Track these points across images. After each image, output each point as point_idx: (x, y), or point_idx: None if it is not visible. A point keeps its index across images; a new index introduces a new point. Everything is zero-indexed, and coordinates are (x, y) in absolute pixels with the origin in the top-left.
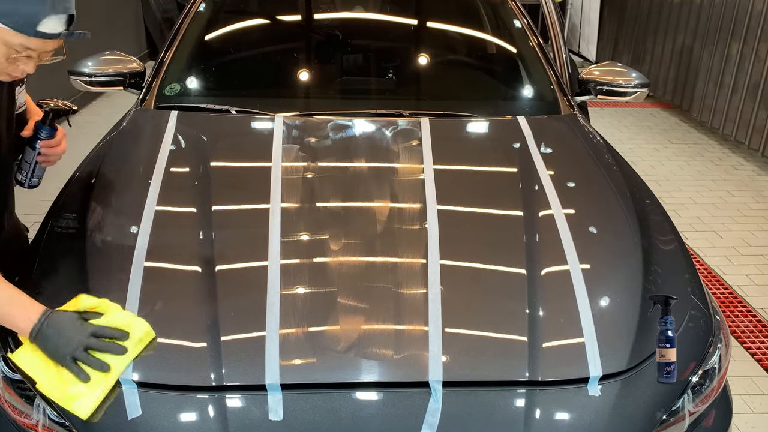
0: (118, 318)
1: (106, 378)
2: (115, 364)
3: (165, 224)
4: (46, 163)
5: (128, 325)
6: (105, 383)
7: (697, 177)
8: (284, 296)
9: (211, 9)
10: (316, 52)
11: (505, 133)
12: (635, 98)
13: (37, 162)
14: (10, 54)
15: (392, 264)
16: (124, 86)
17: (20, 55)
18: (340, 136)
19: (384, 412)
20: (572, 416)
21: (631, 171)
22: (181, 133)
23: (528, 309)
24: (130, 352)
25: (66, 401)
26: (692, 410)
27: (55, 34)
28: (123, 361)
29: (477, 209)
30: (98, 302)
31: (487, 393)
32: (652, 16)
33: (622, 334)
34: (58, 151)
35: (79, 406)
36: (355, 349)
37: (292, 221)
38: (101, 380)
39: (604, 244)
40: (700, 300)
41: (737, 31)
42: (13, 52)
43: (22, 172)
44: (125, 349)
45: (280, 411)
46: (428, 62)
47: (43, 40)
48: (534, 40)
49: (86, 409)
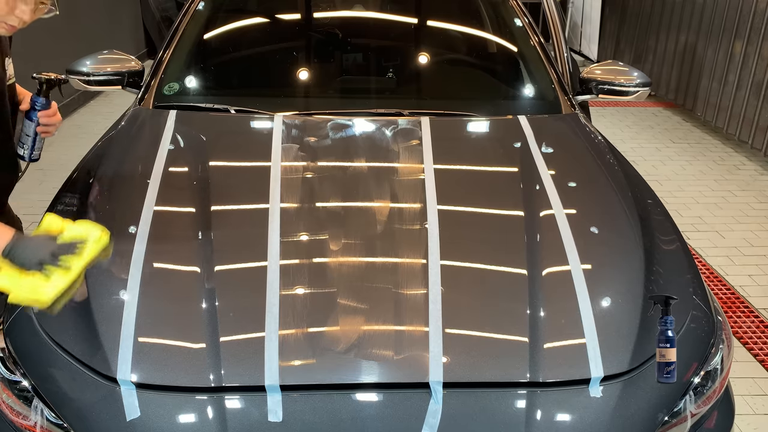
0: (75, 230)
1: (67, 273)
2: (75, 264)
3: (164, 224)
4: (46, 133)
5: (86, 232)
6: (66, 277)
7: (699, 176)
8: (284, 297)
9: (210, 8)
10: (315, 51)
11: (506, 132)
12: (637, 97)
13: (37, 133)
14: None
15: (392, 264)
16: (123, 85)
17: (19, 2)
18: (339, 136)
19: (384, 413)
20: (573, 417)
21: (633, 171)
22: (179, 133)
23: (529, 309)
24: (86, 253)
25: (33, 293)
26: (694, 411)
27: None
28: (81, 262)
29: (478, 209)
30: (62, 222)
31: (487, 394)
32: (654, 14)
33: (624, 334)
34: (55, 120)
35: (43, 292)
36: (355, 349)
37: (291, 221)
38: (63, 274)
39: (606, 244)
40: (702, 300)
41: (741, 30)
42: None
43: (24, 146)
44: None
45: (280, 412)
46: (428, 61)
47: None
48: (535, 39)
49: (48, 295)
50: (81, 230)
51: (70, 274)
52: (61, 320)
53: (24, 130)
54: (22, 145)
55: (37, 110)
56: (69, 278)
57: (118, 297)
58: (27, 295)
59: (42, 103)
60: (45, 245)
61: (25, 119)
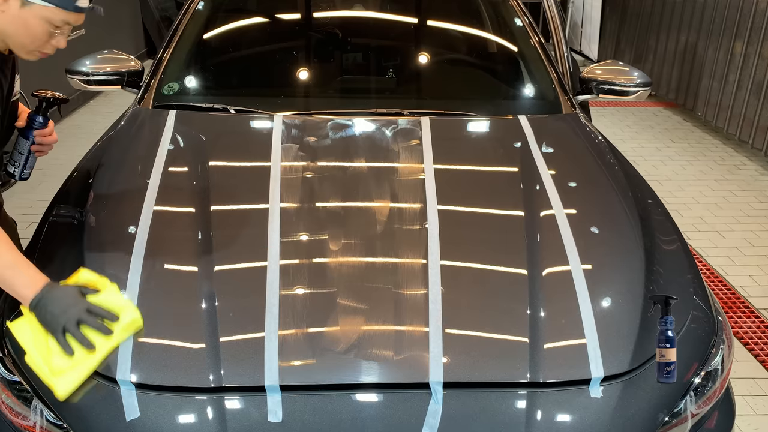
0: (112, 299)
1: (90, 359)
2: (99, 344)
3: (163, 224)
4: (40, 153)
5: (120, 308)
6: (88, 364)
7: (699, 176)
8: (283, 297)
9: (209, 8)
10: (315, 50)
11: (506, 132)
12: (637, 97)
13: (30, 152)
14: (52, 31)
15: (392, 264)
16: (122, 85)
17: (58, 31)
18: (339, 136)
19: (384, 413)
20: (574, 418)
21: (633, 171)
22: (179, 133)
23: (529, 310)
24: (116, 335)
25: (48, 376)
26: (695, 412)
27: (87, 7)
28: (108, 344)
29: (478, 209)
30: (97, 278)
31: (488, 394)
32: (654, 14)
33: (624, 335)
34: (51, 140)
35: (59, 383)
36: (355, 350)
37: (291, 221)
38: (85, 360)
39: (606, 244)
40: (703, 301)
41: (741, 29)
42: (53, 28)
43: (15, 164)
44: (110, 332)
45: (280, 412)
46: (429, 61)
47: (77, 14)
48: (535, 39)
49: (65, 388)
50: (117, 302)
51: (92, 360)
52: None
53: (17, 147)
54: (13, 163)
55: (34, 129)
56: (92, 367)
57: None
58: (44, 375)
59: (40, 122)
60: (74, 304)
61: (20, 137)
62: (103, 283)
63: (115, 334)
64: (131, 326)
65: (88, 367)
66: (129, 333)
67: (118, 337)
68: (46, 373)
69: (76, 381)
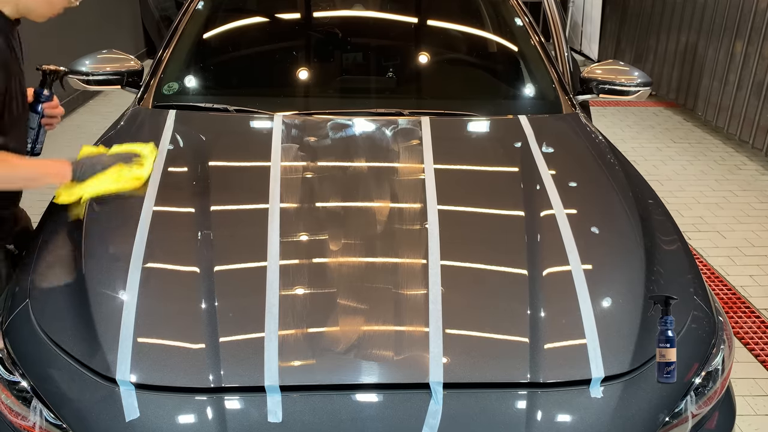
0: (125, 146)
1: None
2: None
3: (163, 224)
4: (49, 126)
5: (136, 148)
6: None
7: (700, 176)
8: (283, 297)
9: (209, 7)
10: (315, 50)
11: (507, 132)
12: (638, 97)
13: (41, 125)
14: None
15: (392, 264)
16: (122, 85)
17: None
18: (339, 136)
19: (384, 413)
20: (574, 418)
21: (634, 170)
22: (179, 133)
23: (529, 310)
24: (148, 162)
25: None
26: (695, 412)
27: None
28: (148, 168)
29: (478, 209)
30: (98, 148)
31: (488, 395)
32: (654, 14)
33: (625, 335)
34: (58, 112)
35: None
36: (355, 350)
37: (291, 221)
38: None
39: (607, 244)
40: (703, 301)
41: (741, 29)
42: None
43: (27, 139)
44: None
45: (279, 413)
46: (429, 61)
47: None
48: (535, 39)
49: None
50: (128, 146)
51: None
52: (60, 320)
53: (28, 123)
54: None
55: (42, 102)
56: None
57: (117, 297)
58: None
59: (46, 95)
60: (103, 157)
61: (30, 112)
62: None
63: (146, 162)
64: (151, 153)
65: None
66: (152, 158)
67: (150, 163)
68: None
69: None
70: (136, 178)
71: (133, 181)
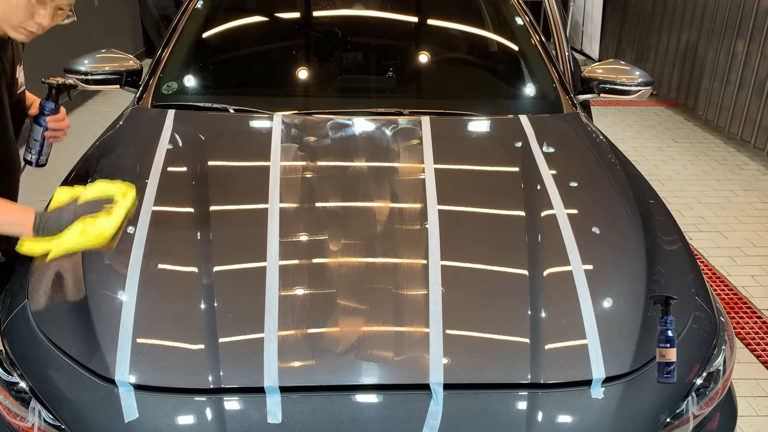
0: (99, 187)
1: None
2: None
3: (162, 224)
4: (54, 139)
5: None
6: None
7: (701, 176)
8: (283, 297)
9: (208, 6)
10: (315, 49)
11: (507, 132)
12: (639, 97)
13: (45, 138)
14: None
15: (392, 265)
16: (121, 84)
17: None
18: (339, 135)
19: (384, 414)
20: (575, 419)
21: (635, 170)
22: (178, 132)
23: (530, 310)
24: (119, 209)
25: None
26: (696, 413)
27: None
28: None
29: (478, 209)
30: (75, 188)
31: (488, 395)
32: (656, 13)
33: (626, 335)
34: (64, 125)
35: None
36: (355, 351)
37: (291, 221)
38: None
39: (607, 244)
40: (705, 301)
41: (743, 29)
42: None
43: (31, 151)
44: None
45: (279, 414)
46: (429, 60)
47: None
48: (536, 38)
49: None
50: (102, 189)
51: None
52: (59, 321)
53: (32, 135)
54: (29, 150)
55: (46, 115)
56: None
57: (116, 297)
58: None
59: (51, 108)
60: (70, 210)
61: (34, 124)
62: (79, 189)
63: (116, 210)
64: (127, 196)
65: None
66: (128, 203)
67: (122, 210)
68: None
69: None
70: (99, 234)
71: (97, 238)
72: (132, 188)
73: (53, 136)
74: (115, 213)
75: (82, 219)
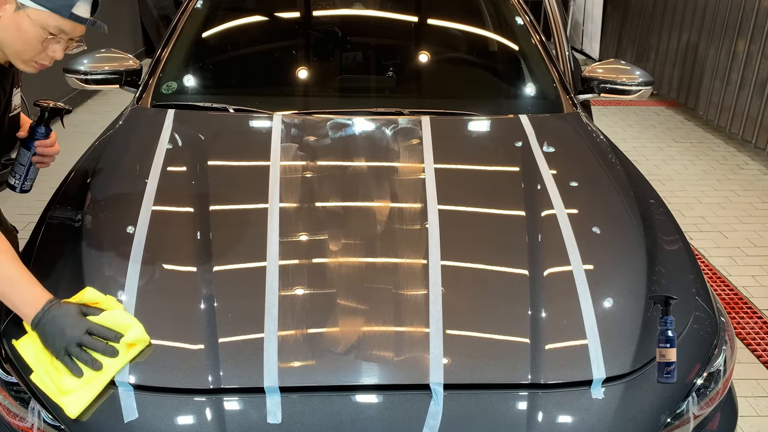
0: (116, 318)
1: (98, 378)
2: (107, 365)
3: (162, 224)
4: (41, 164)
5: (124, 327)
6: (96, 383)
7: (702, 176)
8: (283, 297)
9: (208, 6)
10: (315, 49)
11: (507, 131)
12: (639, 96)
13: (32, 163)
14: (45, 37)
15: (392, 265)
16: (120, 84)
17: (53, 39)
18: (339, 135)
19: (384, 415)
20: (575, 419)
21: (635, 170)
22: (178, 132)
23: (530, 310)
24: (121, 355)
25: (57, 396)
26: (697, 413)
27: (86, 18)
28: (115, 363)
29: (478, 209)
30: (103, 298)
31: (488, 396)
32: (656, 13)
33: (626, 335)
34: (53, 151)
35: (69, 402)
36: (355, 351)
37: (290, 221)
38: (93, 379)
39: (608, 244)
40: (705, 301)
41: (743, 28)
42: (47, 34)
43: (16, 175)
44: (116, 352)
45: (279, 414)
46: (429, 60)
47: (75, 24)
48: (536, 38)
49: (76, 408)
50: (121, 320)
51: (101, 380)
52: None
53: (18, 158)
54: (14, 174)
55: (36, 139)
56: (100, 386)
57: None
58: (52, 394)
59: (42, 132)
60: (75, 325)
61: (21, 147)
62: (108, 302)
63: (122, 353)
64: (138, 343)
65: (97, 385)
66: (136, 350)
67: (125, 356)
68: (55, 393)
69: (85, 400)
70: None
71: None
72: (146, 339)
73: (40, 161)
74: (117, 361)
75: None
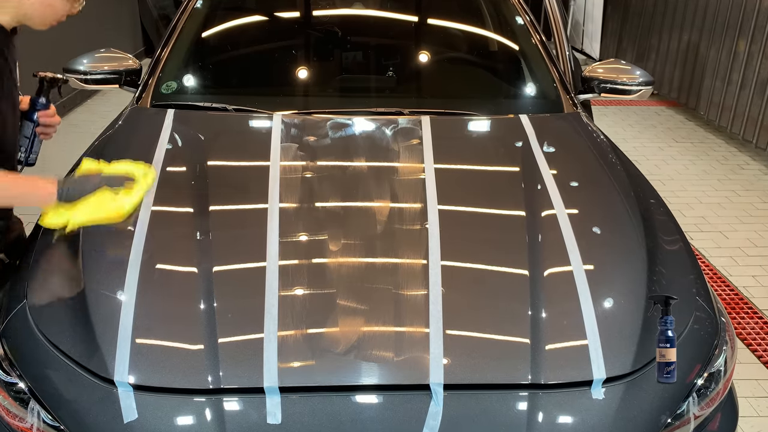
0: (119, 167)
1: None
2: (130, 200)
3: (161, 224)
4: (44, 135)
5: (132, 170)
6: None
7: (702, 176)
8: (283, 298)
9: (208, 5)
10: (315, 49)
11: (507, 131)
12: (639, 96)
13: (35, 135)
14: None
15: (392, 265)
16: (120, 84)
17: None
18: (339, 135)
19: (384, 415)
20: (575, 419)
21: (636, 170)
22: (177, 132)
23: (530, 311)
24: (139, 188)
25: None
26: (697, 413)
27: None
28: (133, 197)
29: (479, 209)
30: (99, 164)
31: (488, 396)
32: (657, 13)
33: (626, 336)
34: (54, 121)
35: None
36: (355, 351)
37: (290, 221)
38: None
39: (608, 244)
40: (706, 301)
41: (744, 28)
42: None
43: (20, 149)
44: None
45: (279, 414)
46: (429, 59)
47: None
48: (536, 37)
49: (125, 208)
50: (125, 167)
51: (132, 195)
52: (58, 322)
53: (22, 132)
54: (18, 148)
55: (37, 110)
56: (135, 198)
57: (115, 298)
58: (104, 217)
59: (43, 103)
60: (94, 178)
61: (24, 120)
62: (105, 164)
63: (136, 189)
64: (148, 177)
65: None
66: (148, 183)
67: (140, 191)
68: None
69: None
70: (117, 210)
71: (114, 213)
72: (152, 170)
73: (44, 132)
74: (135, 191)
75: (102, 191)
